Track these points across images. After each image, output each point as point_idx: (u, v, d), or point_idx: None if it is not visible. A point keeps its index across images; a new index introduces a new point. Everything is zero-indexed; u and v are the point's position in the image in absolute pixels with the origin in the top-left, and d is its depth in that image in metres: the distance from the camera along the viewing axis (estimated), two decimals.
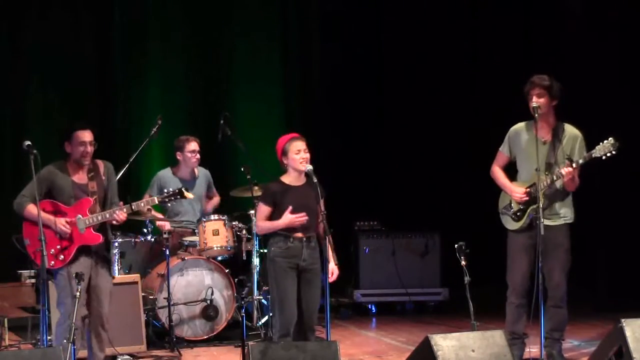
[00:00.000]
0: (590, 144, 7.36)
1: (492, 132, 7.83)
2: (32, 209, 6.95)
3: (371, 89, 11.83)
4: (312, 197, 6.94)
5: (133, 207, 7.20)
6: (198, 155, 9.36)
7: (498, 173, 7.67)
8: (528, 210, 7.41)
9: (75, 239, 7.14)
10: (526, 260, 7.44)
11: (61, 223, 7.06)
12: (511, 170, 7.68)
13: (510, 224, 7.54)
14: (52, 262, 7.03)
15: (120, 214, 7.14)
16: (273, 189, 7.03)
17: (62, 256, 7.08)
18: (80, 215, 7.15)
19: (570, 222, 7.53)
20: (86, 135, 7.12)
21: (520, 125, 7.60)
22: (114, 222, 7.22)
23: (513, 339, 7.13)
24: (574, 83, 10.28)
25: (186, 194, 7.35)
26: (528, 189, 7.43)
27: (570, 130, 7.49)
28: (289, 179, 7.05)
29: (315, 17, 11.73)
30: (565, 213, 7.50)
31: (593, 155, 7.26)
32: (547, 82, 7.40)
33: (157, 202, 7.40)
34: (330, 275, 6.97)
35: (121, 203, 7.32)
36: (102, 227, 7.18)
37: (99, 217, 7.17)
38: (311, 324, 7.00)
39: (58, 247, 7.08)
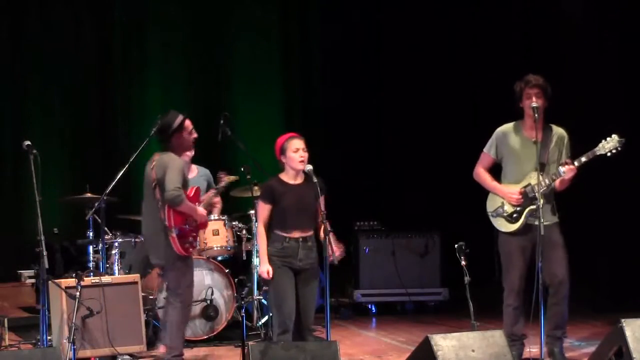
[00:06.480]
0: (591, 145, 7.33)
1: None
2: (187, 201, 7.17)
3: (371, 89, 11.82)
4: (311, 196, 6.93)
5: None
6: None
7: (484, 175, 7.58)
8: (525, 211, 7.34)
9: (200, 226, 7.45)
10: (523, 261, 7.39)
11: (202, 211, 7.37)
12: (492, 172, 7.61)
13: (505, 226, 7.44)
14: (191, 250, 7.29)
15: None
16: (272, 186, 7.02)
17: (195, 242, 7.37)
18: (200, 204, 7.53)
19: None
20: None
21: (508, 126, 7.53)
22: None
23: (512, 341, 7.07)
24: (574, 83, 10.34)
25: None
26: (523, 190, 7.38)
27: (557, 130, 7.46)
28: (287, 177, 7.04)
29: (316, 17, 11.73)
30: (555, 212, 7.46)
31: (597, 153, 7.18)
32: (544, 83, 7.37)
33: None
34: (335, 251, 6.85)
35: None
36: None
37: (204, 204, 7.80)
38: (308, 323, 6.99)
39: (194, 234, 7.33)
